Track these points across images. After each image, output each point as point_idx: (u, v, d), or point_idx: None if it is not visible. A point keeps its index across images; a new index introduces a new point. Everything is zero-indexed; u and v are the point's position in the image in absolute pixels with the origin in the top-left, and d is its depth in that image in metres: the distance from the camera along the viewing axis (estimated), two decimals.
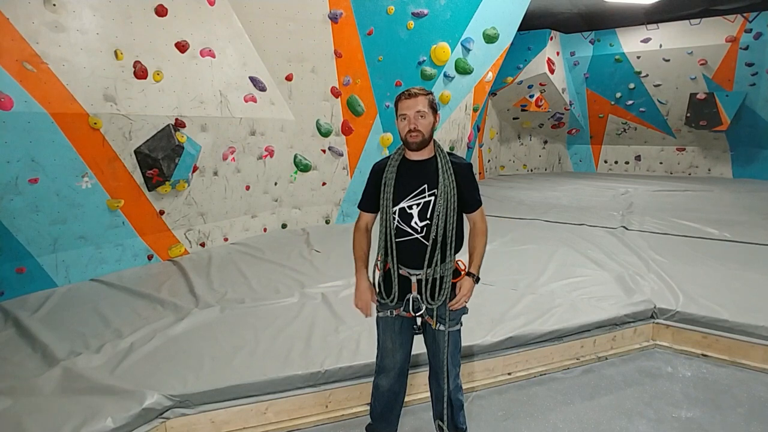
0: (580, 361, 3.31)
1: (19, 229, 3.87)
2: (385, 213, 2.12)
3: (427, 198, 2.07)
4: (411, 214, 2.08)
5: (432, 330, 2.18)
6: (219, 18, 5.15)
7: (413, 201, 2.08)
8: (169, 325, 3.28)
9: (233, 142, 5.36)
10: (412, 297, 2.13)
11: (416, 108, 2.03)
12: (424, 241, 2.08)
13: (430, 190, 2.08)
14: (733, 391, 2.95)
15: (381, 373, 2.28)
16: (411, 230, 2.09)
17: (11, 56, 3.61)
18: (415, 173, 2.11)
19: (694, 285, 3.92)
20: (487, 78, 7.07)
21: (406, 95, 2.06)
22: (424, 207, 2.07)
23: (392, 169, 2.13)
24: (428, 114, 2.06)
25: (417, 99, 2.04)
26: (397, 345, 2.22)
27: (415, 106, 2.04)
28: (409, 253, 2.11)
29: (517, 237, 5.66)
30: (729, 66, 9.87)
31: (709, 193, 8.68)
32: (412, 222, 2.08)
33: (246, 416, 2.60)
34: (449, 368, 2.19)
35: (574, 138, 12.62)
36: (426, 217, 2.07)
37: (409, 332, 2.25)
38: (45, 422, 2.27)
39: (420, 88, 2.10)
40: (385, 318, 2.24)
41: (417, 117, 2.03)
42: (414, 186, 2.09)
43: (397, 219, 2.10)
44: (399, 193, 2.11)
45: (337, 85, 6.13)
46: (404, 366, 2.28)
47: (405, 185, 2.11)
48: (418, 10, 6.13)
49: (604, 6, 9.22)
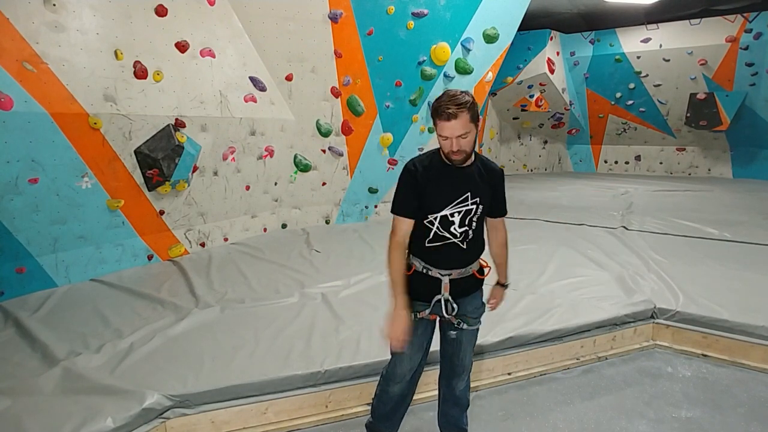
0: (580, 361, 3.31)
1: (19, 229, 3.87)
2: (425, 219, 2.03)
3: (470, 206, 2.00)
4: (452, 221, 2.01)
5: (458, 332, 2.15)
6: (219, 18, 5.15)
7: (456, 209, 2.00)
8: (169, 325, 3.28)
9: (233, 142, 5.36)
10: (443, 298, 2.06)
11: (457, 132, 1.86)
12: (461, 244, 2.04)
13: (473, 198, 2.01)
14: (733, 391, 2.95)
15: (393, 381, 2.20)
16: (449, 235, 2.02)
17: (11, 56, 3.61)
18: (459, 179, 2.01)
19: (694, 285, 3.92)
20: (487, 78, 7.06)
21: (444, 116, 1.85)
22: (466, 214, 2.01)
23: (436, 174, 2.00)
24: (471, 131, 1.89)
25: (458, 121, 1.84)
26: (414, 349, 2.14)
27: (457, 129, 1.86)
28: (444, 256, 2.06)
29: (517, 237, 5.65)
30: (729, 66, 9.87)
31: (709, 193, 8.68)
32: (452, 228, 2.01)
33: (246, 416, 2.60)
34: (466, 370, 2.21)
35: (574, 138, 12.62)
36: (465, 223, 2.02)
37: (428, 336, 2.19)
38: (45, 422, 2.27)
39: (459, 103, 1.84)
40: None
41: (459, 140, 1.88)
42: (458, 193, 2.00)
43: (437, 225, 2.01)
44: (442, 200, 2.00)
45: (337, 85, 6.13)
46: (418, 370, 2.23)
47: (449, 192, 2.00)
48: (418, 10, 6.13)
49: (604, 6, 9.22)
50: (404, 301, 2.03)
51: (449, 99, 1.85)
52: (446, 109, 1.84)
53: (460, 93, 1.88)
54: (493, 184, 2.08)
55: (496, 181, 2.09)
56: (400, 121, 6.58)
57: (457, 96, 1.86)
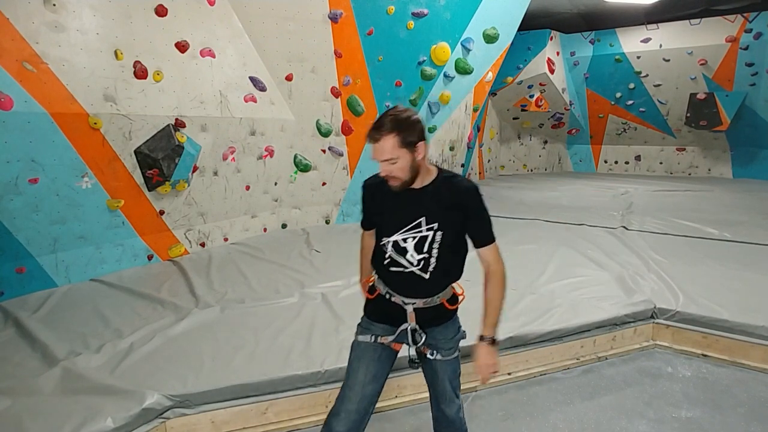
0: (580, 361, 3.31)
1: (19, 229, 3.87)
2: (378, 241, 1.88)
3: (424, 233, 1.78)
4: (405, 248, 1.81)
5: (429, 360, 1.94)
6: (219, 18, 5.15)
7: (408, 234, 1.80)
8: (169, 325, 3.28)
9: (233, 142, 5.36)
10: (410, 327, 1.86)
11: (382, 156, 1.68)
12: (421, 274, 1.82)
13: (429, 223, 1.78)
14: (733, 391, 2.95)
15: (338, 415, 1.82)
16: (407, 263, 1.82)
17: (11, 56, 3.61)
18: (411, 202, 1.80)
19: (694, 285, 3.92)
20: (487, 78, 7.07)
21: (369, 137, 1.68)
22: (421, 241, 1.79)
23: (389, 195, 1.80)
24: (402, 156, 1.67)
25: (380, 145, 1.66)
26: (369, 377, 1.85)
27: (381, 153, 1.68)
28: (403, 285, 1.86)
29: (517, 237, 5.66)
30: (729, 66, 9.87)
31: (709, 193, 8.68)
32: (408, 256, 1.81)
33: (246, 416, 2.60)
34: (451, 398, 1.95)
35: (574, 138, 12.62)
36: (424, 250, 1.80)
37: (388, 364, 1.93)
38: (45, 422, 2.27)
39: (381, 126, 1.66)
40: (365, 344, 1.93)
41: (387, 165, 1.69)
42: (409, 218, 1.80)
43: (390, 250, 1.83)
44: (391, 224, 1.82)
45: (337, 85, 6.13)
46: (368, 407, 1.86)
47: (399, 216, 1.81)
48: (418, 10, 6.13)
49: (604, 6, 9.22)
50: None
51: (377, 120, 1.68)
52: (371, 130, 1.68)
53: (393, 114, 1.68)
54: (463, 206, 1.79)
55: (467, 202, 1.79)
56: None
57: (386, 116, 1.68)
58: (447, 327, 1.94)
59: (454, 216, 1.79)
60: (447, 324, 1.94)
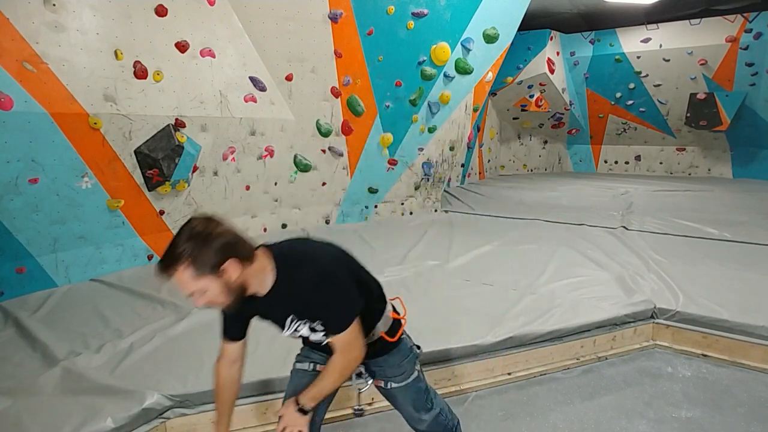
0: (580, 361, 3.31)
1: (19, 229, 3.87)
2: None
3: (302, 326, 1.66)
4: (303, 336, 1.71)
5: (385, 390, 1.88)
6: (219, 18, 5.15)
7: (293, 327, 1.66)
8: (169, 325, 3.28)
9: (233, 142, 5.36)
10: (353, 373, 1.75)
11: (184, 293, 1.47)
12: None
13: (300, 319, 1.63)
14: (733, 391, 2.95)
15: None
16: (315, 341, 1.72)
17: (11, 56, 3.61)
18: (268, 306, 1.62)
19: (694, 285, 3.92)
20: (487, 78, 7.06)
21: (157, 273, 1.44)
22: (309, 328, 1.67)
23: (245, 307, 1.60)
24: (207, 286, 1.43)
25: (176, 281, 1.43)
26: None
27: (181, 289, 1.46)
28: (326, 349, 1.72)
29: (517, 237, 5.66)
30: (729, 66, 9.86)
31: (709, 193, 8.68)
32: (311, 340, 1.72)
33: (246, 416, 2.60)
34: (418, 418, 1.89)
35: (574, 138, 12.62)
36: (317, 331, 1.67)
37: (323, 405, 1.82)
38: (45, 422, 2.27)
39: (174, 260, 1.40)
40: (302, 371, 1.82)
41: (194, 299, 1.47)
42: (280, 320, 1.66)
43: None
44: (273, 324, 1.71)
45: (337, 85, 6.13)
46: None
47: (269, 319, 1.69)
48: (418, 10, 6.13)
49: (604, 6, 9.21)
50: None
51: (166, 249, 1.43)
52: (159, 263, 1.44)
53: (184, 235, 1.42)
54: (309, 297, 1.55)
55: (311, 293, 1.54)
56: (400, 121, 6.58)
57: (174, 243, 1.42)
58: (392, 355, 1.83)
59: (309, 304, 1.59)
60: (392, 352, 1.82)
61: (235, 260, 1.45)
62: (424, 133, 6.78)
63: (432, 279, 4.25)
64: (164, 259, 1.42)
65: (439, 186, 7.39)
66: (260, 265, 1.54)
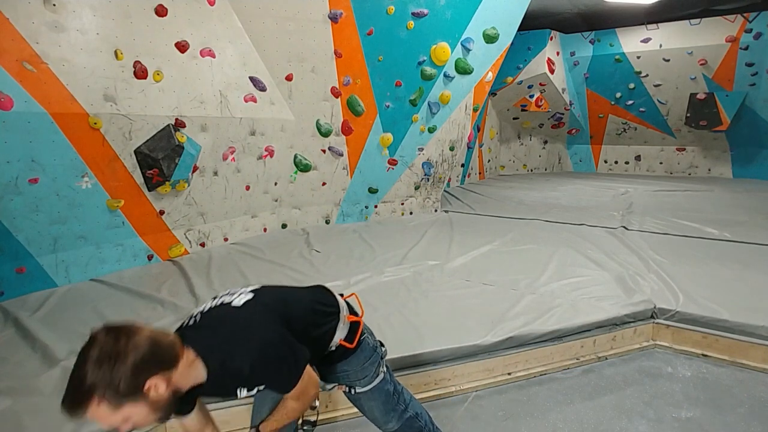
0: (580, 361, 3.30)
1: (19, 229, 3.87)
2: None
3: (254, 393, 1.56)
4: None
5: (350, 396, 1.86)
6: (219, 18, 5.15)
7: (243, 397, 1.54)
8: (169, 326, 3.27)
9: (233, 142, 5.36)
10: None
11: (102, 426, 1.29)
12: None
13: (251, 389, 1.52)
14: (733, 391, 2.95)
15: None
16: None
17: (11, 56, 3.61)
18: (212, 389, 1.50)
19: (694, 285, 3.92)
20: (487, 78, 7.06)
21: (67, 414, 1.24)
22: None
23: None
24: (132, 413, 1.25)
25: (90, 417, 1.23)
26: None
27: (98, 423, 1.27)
28: None
29: (517, 237, 5.66)
30: (729, 66, 9.86)
31: (709, 193, 8.68)
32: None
33: (246, 416, 2.59)
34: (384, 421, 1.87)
35: (574, 138, 12.62)
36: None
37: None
38: (45, 422, 2.28)
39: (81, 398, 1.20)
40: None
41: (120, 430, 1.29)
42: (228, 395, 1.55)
43: None
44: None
45: (337, 85, 6.13)
46: None
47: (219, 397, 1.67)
48: (418, 10, 6.13)
49: (604, 6, 9.21)
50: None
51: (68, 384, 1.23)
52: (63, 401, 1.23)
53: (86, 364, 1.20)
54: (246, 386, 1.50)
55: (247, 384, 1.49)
56: (400, 121, 6.59)
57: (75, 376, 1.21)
58: (354, 358, 1.78)
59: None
60: (353, 356, 1.78)
61: (157, 376, 1.27)
62: (424, 133, 6.79)
63: (432, 279, 4.25)
64: (71, 394, 1.20)
65: (439, 186, 7.39)
66: (187, 360, 1.37)
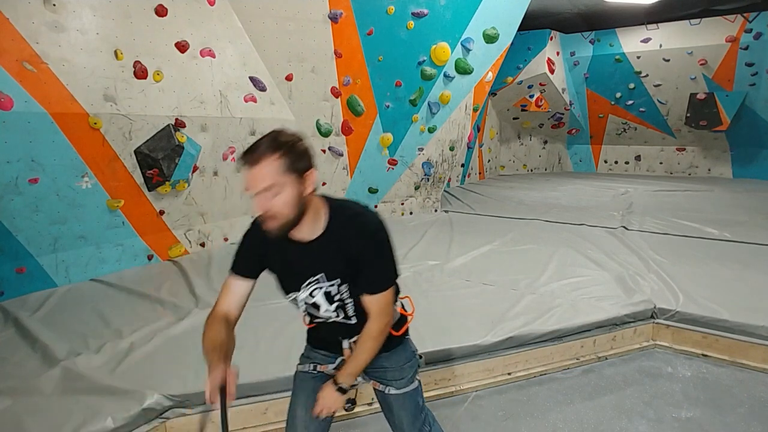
0: (580, 361, 3.30)
1: (19, 229, 3.87)
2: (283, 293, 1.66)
3: (327, 288, 1.55)
4: (316, 303, 1.59)
5: (383, 395, 1.75)
6: (219, 18, 5.15)
7: (313, 287, 1.56)
8: (169, 325, 3.28)
9: (233, 142, 5.36)
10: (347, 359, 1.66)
11: (260, 184, 1.33)
12: (346, 321, 1.62)
13: (330, 279, 1.53)
14: (733, 391, 2.95)
15: None
16: (324, 316, 1.62)
17: (11, 56, 3.61)
18: (303, 256, 1.53)
19: (694, 285, 3.92)
20: (487, 78, 7.06)
21: (243, 160, 1.35)
22: (328, 294, 1.57)
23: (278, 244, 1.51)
24: (286, 185, 1.35)
25: (259, 169, 1.32)
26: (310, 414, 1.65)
27: (258, 180, 1.33)
28: (331, 331, 1.68)
29: (517, 237, 5.66)
30: (729, 66, 9.86)
31: (709, 193, 8.68)
32: (322, 311, 1.61)
33: (246, 416, 2.60)
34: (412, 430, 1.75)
35: (574, 138, 12.62)
36: (334, 300, 1.58)
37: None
38: (45, 422, 2.27)
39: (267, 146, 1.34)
40: (304, 374, 1.73)
41: (262, 197, 1.35)
42: (306, 274, 1.55)
43: (301, 305, 1.64)
44: (289, 279, 1.60)
45: (337, 85, 6.13)
46: None
47: (294, 271, 1.57)
48: (418, 10, 6.13)
49: (604, 6, 9.21)
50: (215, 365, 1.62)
51: (258, 140, 1.38)
52: (247, 153, 1.35)
53: (275, 134, 1.38)
54: (359, 250, 1.48)
55: (362, 245, 1.49)
56: (400, 121, 6.59)
57: (266, 137, 1.37)
58: (395, 353, 1.72)
59: (353, 264, 1.51)
60: (395, 350, 1.72)
61: (314, 173, 1.43)
62: (424, 133, 6.79)
63: (432, 279, 4.25)
64: (256, 147, 1.34)
65: (439, 186, 7.39)
66: (317, 206, 1.49)
